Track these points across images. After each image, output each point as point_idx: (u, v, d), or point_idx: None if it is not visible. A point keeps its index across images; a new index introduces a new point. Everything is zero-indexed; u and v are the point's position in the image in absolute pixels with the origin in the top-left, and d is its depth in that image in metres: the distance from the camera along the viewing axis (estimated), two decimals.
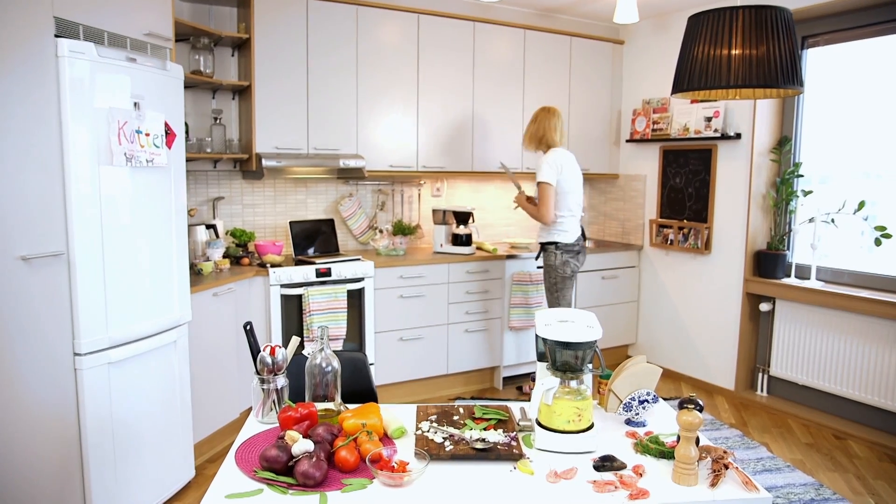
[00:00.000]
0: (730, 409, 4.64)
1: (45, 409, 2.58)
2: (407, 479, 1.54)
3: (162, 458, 3.13)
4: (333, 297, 4.06)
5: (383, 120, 4.62)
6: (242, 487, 1.51)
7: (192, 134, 4.16)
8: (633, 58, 5.63)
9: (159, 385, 3.09)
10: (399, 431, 1.81)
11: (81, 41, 2.60)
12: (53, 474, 2.63)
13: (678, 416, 1.58)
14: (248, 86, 4.15)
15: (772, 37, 2.34)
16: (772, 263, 4.57)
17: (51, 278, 2.57)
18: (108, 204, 2.73)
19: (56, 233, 2.57)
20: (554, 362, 1.81)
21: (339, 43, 4.38)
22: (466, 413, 1.96)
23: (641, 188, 5.57)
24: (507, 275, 4.85)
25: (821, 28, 4.35)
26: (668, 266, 5.37)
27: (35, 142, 2.47)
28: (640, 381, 1.99)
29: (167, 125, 3.00)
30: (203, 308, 3.51)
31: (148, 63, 2.91)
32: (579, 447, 1.74)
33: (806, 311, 4.39)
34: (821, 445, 4.04)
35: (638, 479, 1.60)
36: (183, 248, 3.22)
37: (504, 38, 5.05)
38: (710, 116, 4.83)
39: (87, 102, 2.61)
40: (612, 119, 5.70)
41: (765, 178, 4.68)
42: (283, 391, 1.92)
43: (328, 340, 1.97)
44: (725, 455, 1.64)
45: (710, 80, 2.44)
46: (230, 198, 4.49)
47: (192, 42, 4.01)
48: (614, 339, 5.54)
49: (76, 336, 2.66)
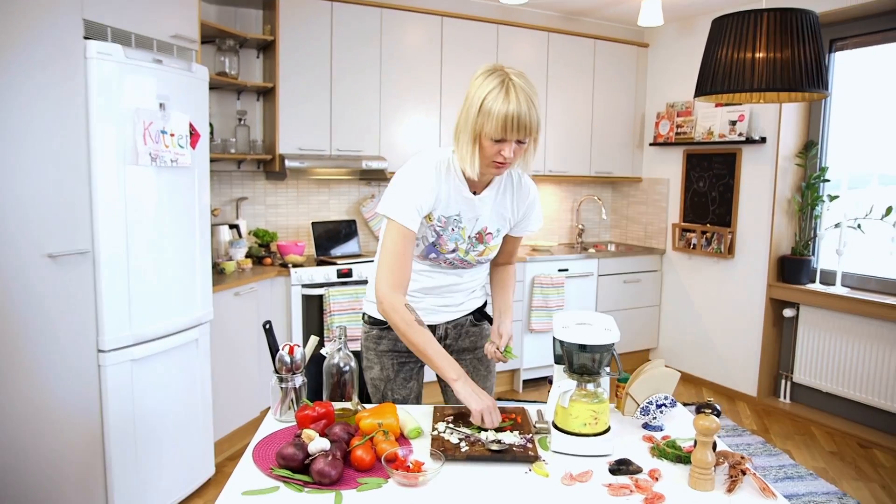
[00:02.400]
0: (752, 416, 4.59)
1: (69, 405, 2.62)
2: (422, 479, 1.54)
3: (183, 455, 3.17)
4: (354, 298, 4.08)
5: (406, 122, 4.63)
6: (259, 485, 1.53)
7: (217, 135, 4.21)
8: (657, 61, 5.59)
9: (181, 383, 3.13)
10: (415, 432, 1.82)
11: (109, 43, 2.65)
12: (76, 470, 2.67)
13: (695, 421, 1.57)
14: (272, 87, 4.19)
15: (797, 40, 2.32)
16: (796, 269, 4.51)
17: (76, 276, 2.61)
18: (133, 203, 2.78)
19: (82, 231, 2.62)
20: (571, 365, 1.81)
21: (363, 45, 4.40)
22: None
23: (664, 192, 5.54)
24: (527, 277, 4.84)
25: (849, 31, 4.30)
26: (690, 270, 5.33)
27: (63, 141, 2.52)
28: (658, 385, 1.97)
29: (192, 126, 3.04)
30: (225, 307, 3.54)
31: (174, 65, 2.95)
32: (595, 450, 1.73)
33: (830, 318, 4.33)
34: (845, 454, 3.98)
35: (654, 483, 1.59)
36: (206, 247, 3.25)
37: (527, 41, 5.05)
38: (734, 120, 4.78)
39: (114, 103, 2.66)
40: (636, 122, 5.66)
41: (790, 182, 4.63)
42: (300, 390, 1.93)
43: (346, 340, 1.99)
44: (743, 461, 1.62)
45: (734, 84, 2.42)
46: (253, 198, 4.53)
47: (218, 44, 4.06)
48: (635, 343, 5.51)
49: (100, 333, 2.71)
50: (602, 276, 5.22)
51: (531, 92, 1.79)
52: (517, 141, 1.81)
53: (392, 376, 2.17)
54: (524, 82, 1.79)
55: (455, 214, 1.97)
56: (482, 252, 2.05)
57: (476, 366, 2.23)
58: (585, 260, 5.13)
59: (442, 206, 1.96)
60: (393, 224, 1.88)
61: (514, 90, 1.76)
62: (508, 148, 1.81)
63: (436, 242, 2.00)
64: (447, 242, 2.00)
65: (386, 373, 2.17)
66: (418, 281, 2.07)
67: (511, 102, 1.75)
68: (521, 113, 1.75)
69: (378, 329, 2.17)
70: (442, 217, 1.97)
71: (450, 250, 2.01)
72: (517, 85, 1.77)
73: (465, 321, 2.19)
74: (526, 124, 1.77)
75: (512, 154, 1.81)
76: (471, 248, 2.03)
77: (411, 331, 1.83)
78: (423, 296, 2.10)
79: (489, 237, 2.05)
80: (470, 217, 2.00)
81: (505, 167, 1.87)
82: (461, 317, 2.17)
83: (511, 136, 1.78)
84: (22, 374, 2.45)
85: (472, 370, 2.22)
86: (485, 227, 2.03)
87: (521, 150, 1.85)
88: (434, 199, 1.93)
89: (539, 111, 1.81)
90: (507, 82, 1.77)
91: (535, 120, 1.79)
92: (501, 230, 2.08)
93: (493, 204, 2.02)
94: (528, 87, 1.79)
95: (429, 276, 2.08)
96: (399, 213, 1.86)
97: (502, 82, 1.77)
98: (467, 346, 2.20)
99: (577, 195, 5.90)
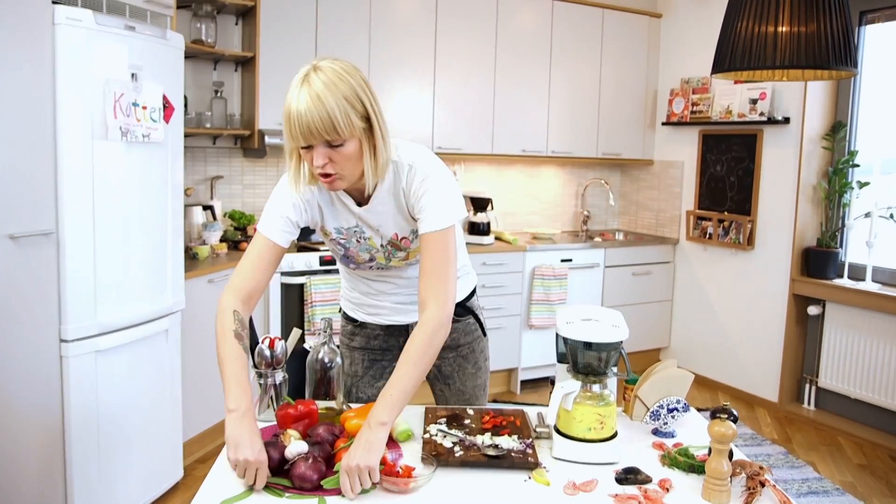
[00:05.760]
0: (772, 424, 4.62)
1: (28, 399, 2.62)
2: (413, 486, 1.55)
3: (149, 455, 3.18)
4: (337, 288, 4.08)
5: (397, 95, 4.62)
6: (236, 490, 1.53)
7: (191, 108, 4.19)
8: (671, 33, 5.58)
9: (149, 377, 3.13)
10: (405, 434, 1.82)
11: (79, 8, 2.65)
12: (35, 469, 2.68)
13: (709, 427, 1.58)
14: (251, 57, 4.17)
15: (823, 13, 2.31)
16: (822, 262, 4.52)
17: (39, 259, 2.61)
18: (100, 181, 2.78)
19: (46, 210, 2.63)
20: (575, 364, 1.82)
21: (351, 11, 4.38)
22: (478, 416, 1.97)
23: (678, 176, 5.54)
24: (527, 268, 4.85)
25: (880, 3, 4.29)
26: (705, 262, 5.34)
27: (27, 112, 2.53)
28: (669, 388, 1.98)
29: (165, 98, 3.04)
30: (197, 295, 3.54)
31: (147, 31, 2.94)
32: (601, 457, 1.74)
33: (860, 316, 4.34)
34: (875, 467, 3.99)
35: (664, 494, 1.60)
36: (178, 230, 3.26)
37: (530, 10, 5.03)
38: (755, 98, 4.79)
39: (83, 73, 2.66)
40: (648, 100, 5.66)
41: (816, 167, 4.64)
42: (281, 387, 1.94)
43: (332, 333, 1.99)
44: (762, 471, 1.64)
45: (755, 60, 2.42)
46: (230, 177, 4.52)
47: (194, 9, 4.04)
48: (645, 341, 5.53)
49: (63, 321, 2.71)
50: (609, 268, 5.23)
51: (332, 82, 1.61)
52: (328, 145, 1.64)
53: (360, 373, 2.19)
54: (328, 74, 1.62)
55: (353, 226, 1.90)
56: (405, 257, 1.98)
57: (461, 363, 2.22)
58: (591, 249, 5.14)
59: (330, 219, 1.92)
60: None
61: (305, 84, 1.60)
62: (316, 155, 1.65)
63: (346, 255, 1.99)
64: (359, 253, 1.97)
65: (355, 368, 2.19)
66: (364, 285, 2.09)
67: (293, 100, 1.60)
68: (300, 111, 1.58)
69: (352, 325, 2.19)
70: (341, 229, 1.92)
71: (366, 260, 1.98)
72: (311, 79, 1.60)
73: None
74: (308, 123, 1.58)
75: (325, 161, 1.65)
76: (390, 255, 1.96)
77: (222, 341, 1.71)
78: (377, 297, 2.10)
79: (405, 242, 1.95)
80: (371, 227, 1.90)
81: (334, 181, 1.71)
82: None
83: (302, 140, 1.63)
84: None
85: (457, 368, 2.22)
86: (395, 234, 1.91)
87: (343, 155, 1.67)
88: (302, 209, 1.86)
89: (347, 104, 1.61)
90: (305, 76, 1.62)
91: (325, 117, 1.59)
92: (417, 231, 1.88)
93: (386, 210, 1.86)
94: (331, 78, 1.61)
95: (366, 283, 2.09)
96: (262, 219, 1.85)
97: (302, 77, 1.63)
98: (448, 343, 2.14)
99: (582, 179, 5.90)
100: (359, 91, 1.65)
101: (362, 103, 1.65)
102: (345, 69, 1.65)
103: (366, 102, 1.66)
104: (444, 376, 2.22)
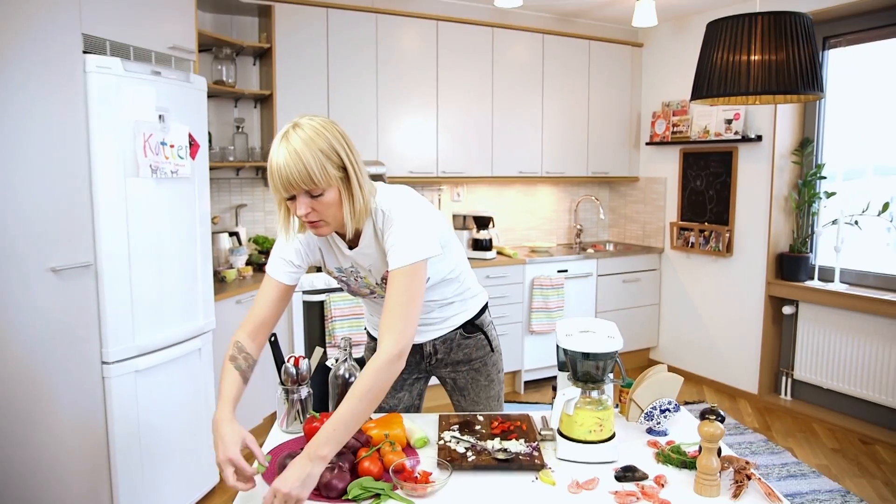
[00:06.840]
0: (753, 414, 4.61)
1: (74, 417, 2.63)
2: (430, 490, 1.56)
3: (187, 464, 3.17)
4: (355, 304, 4.08)
5: (403, 126, 4.64)
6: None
7: (215, 143, 4.21)
8: (652, 60, 5.61)
9: (185, 392, 3.13)
10: (422, 441, 1.83)
11: (108, 56, 2.66)
12: (82, 480, 2.68)
13: (699, 428, 1.58)
14: (269, 94, 4.20)
15: (791, 43, 2.33)
16: (794, 266, 4.53)
17: (79, 289, 2.62)
18: (134, 215, 2.78)
19: (84, 244, 2.63)
20: (575, 372, 1.82)
21: (359, 51, 4.41)
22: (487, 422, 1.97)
23: (662, 191, 5.55)
24: (527, 279, 4.86)
25: (843, 29, 4.31)
26: (689, 269, 5.34)
27: (65, 155, 2.53)
28: (661, 390, 1.99)
29: (191, 136, 3.05)
30: (227, 315, 3.55)
31: (172, 76, 2.95)
32: (601, 457, 1.74)
33: (830, 314, 4.35)
34: (847, 450, 3.99)
35: (660, 489, 1.61)
36: (207, 256, 3.26)
37: (523, 43, 5.05)
38: (730, 119, 4.80)
39: (114, 116, 2.67)
40: (632, 122, 5.68)
41: (787, 179, 4.64)
42: (306, 401, 1.94)
43: (352, 351, 2.00)
44: (748, 466, 1.64)
45: (730, 87, 2.44)
46: (252, 205, 4.54)
47: (215, 52, 4.07)
48: (635, 342, 5.52)
49: (104, 345, 2.72)
50: (601, 276, 5.23)
51: (309, 138, 1.61)
52: (309, 195, 1.64)
53: None
54: (305, 131, 1.62)
55: (349, 266, 1.91)
56: None
57: (474, 377, 2.22)
58: (584, 260, 5.15)
59: (329, 259, 1.93)
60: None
61: (284, 141, 1.61)
62: (299, 204, 1.65)
63: (350, 289, 2.01)
64: (360, 289, 1.99)
65: None
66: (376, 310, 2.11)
67: (274, 155, 1.61)
68: (280, 165, 1.59)
69: (374, 342, 2.21)
70: (340, 269, 1.94)
71: (369, 293, 2.00)
72: (290, 136, 1.61)
73: (454, 335, 2.15)
74: (287, 176, 1.59)
75: (307, 210, 1.66)
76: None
77: (223, 365, 1.78)
78: None
79: None
80: (363, 267, 1.90)
81: (320, 227, 1.72)
82: (449, 332, 2.15)
83: (283, 192, 1.63)
84: (27, 388, 2.46)
85: (471, 381, 2.22)
86: (385, 273, 1.85)
87: (323, 204, 1.66)
88: (304, 252, 1.88)
89: (323, 156, 1.61)
90: (285, 134, 1.63)
91: (303, 170, 1.59)
92: None
93: (372, 252, 1.85)
94: (308, 134, 1.62)
95: (376, 309, 2.09)
96: (269, 261, 1.89)
97: (282, 135, 1.63)
98: (461, 358, 2.18)
99: (574, 196, 5.91)
100: (335, 144, 1.64)
101: (338, 154, 1.65)
102: (322, 125, 1.65)
103: (341, 153, 1.66)
104: (460, 388, 2.23)
